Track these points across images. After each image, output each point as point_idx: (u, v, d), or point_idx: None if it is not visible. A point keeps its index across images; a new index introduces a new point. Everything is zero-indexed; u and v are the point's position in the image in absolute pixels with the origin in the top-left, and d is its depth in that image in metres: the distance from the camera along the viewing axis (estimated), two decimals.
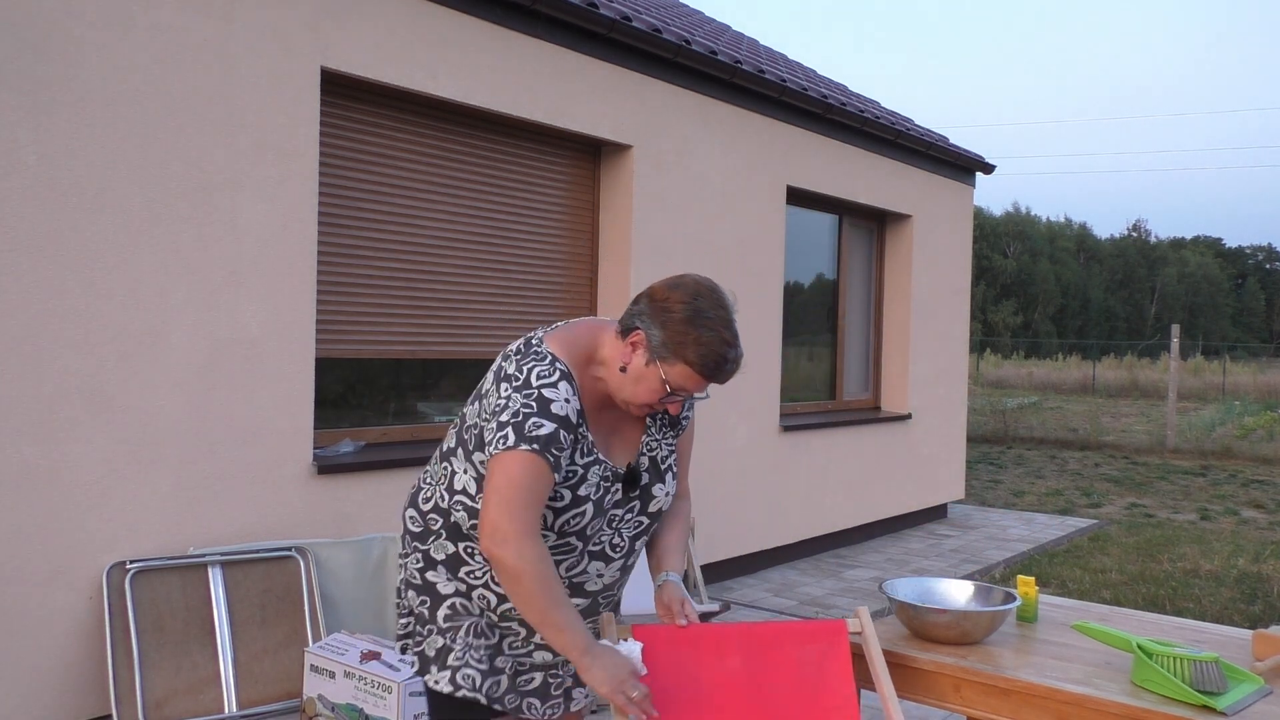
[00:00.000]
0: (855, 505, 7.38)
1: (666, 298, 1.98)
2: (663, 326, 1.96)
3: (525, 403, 1.93)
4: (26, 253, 3.23)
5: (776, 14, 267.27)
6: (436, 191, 4.75)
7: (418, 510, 2.16)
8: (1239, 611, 5.87)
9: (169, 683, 3.41)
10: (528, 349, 2.02)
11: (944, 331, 8.46)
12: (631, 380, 2.00)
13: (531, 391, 1.94)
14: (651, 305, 1.99)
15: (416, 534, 2.15)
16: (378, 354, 4.54)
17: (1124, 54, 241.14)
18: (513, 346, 2.08)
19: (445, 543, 2.10)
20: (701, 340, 1.94)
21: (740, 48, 7.16)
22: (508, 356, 2.04)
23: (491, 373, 2.06)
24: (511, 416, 1.92)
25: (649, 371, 1.98)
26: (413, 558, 2.15)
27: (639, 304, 2.02)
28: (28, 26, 3.21)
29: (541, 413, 1.92)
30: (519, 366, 1.98)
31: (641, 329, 1.99)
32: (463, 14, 4.51)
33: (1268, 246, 73.17)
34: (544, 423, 1.91)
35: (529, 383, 1.95)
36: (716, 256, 6.01)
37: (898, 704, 2.14)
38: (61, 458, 3.32)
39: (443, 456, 2.13)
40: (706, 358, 1.95)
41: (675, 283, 2.01)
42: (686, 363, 1.95)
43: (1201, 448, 14.56)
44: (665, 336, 1.95)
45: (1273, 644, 2.29)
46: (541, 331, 2.08)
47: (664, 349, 1.96)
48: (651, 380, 1.99)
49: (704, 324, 1.95)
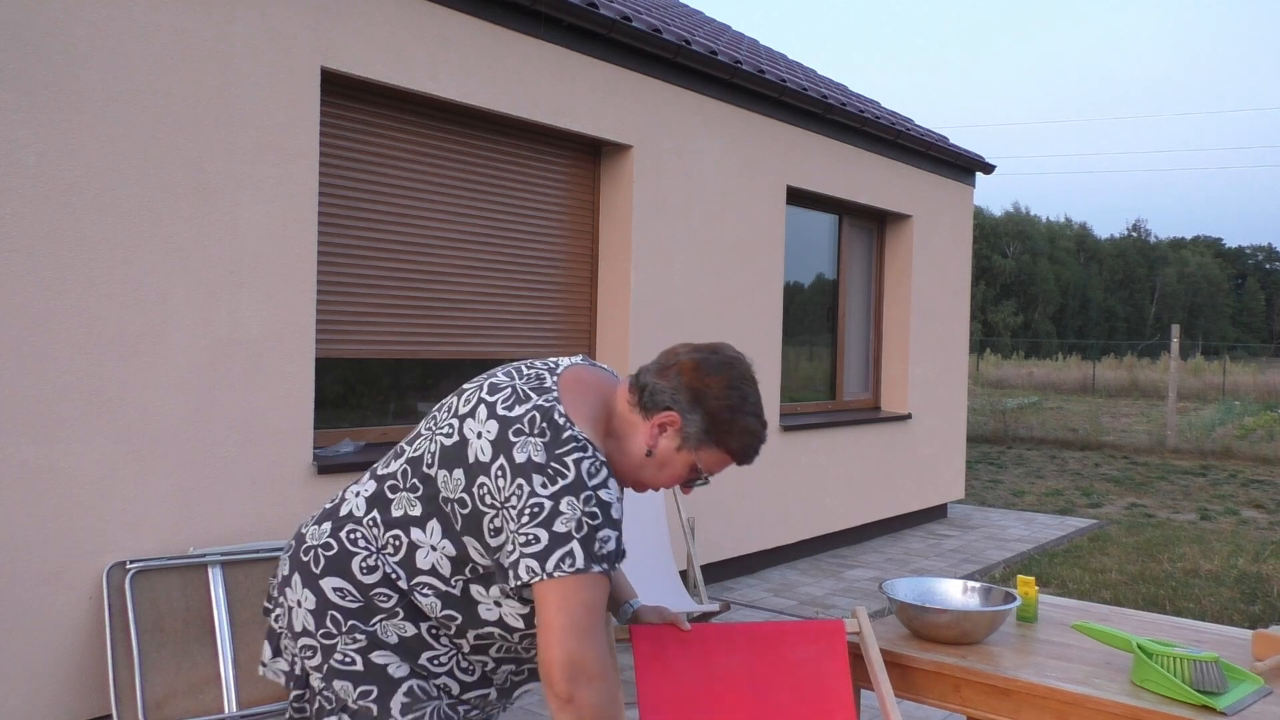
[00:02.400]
0: (855, 505, 7.37)
1: (706, 382, 1.79)
2: (705, 414, 1.79)
3: (587, 511, 1.66)
4: (26, 253, 3.23)
5: (777, 14, 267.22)
6: (436, 191, 4.75)
7: (352, 582, 1.79)
8: (1239, 611, 5.87)
9: (169, 683, 3.41)
10: (555, 430, 1.70)
11: (944, 332, 8.46)
12: (656, 465, 1.82)
13: (590, 495, 1.67)
14: (688, 388, 1.79)
15: (352, 611, 1.78)
16: (378, 354, 4.54)
17: (1124, 54, 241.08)
18: (521, 414, 1.72)
19: (403, 623, 1.78)
20: (747, 429, 1.81)
21: (740, 48, 7.16)
22: (518, 429, 1.70)
23: (485, 438, 1.71)
24: (575, 529, 1.64)
25: (679, 457, 1.82)
26: (345, 639, 1.77)
27: (668, 378, 1.81)
28: (28, 26, 3.21)
29: (606, 522, 1.68)
30: (555, 456, 1.67)
31: (676, 411, 1.79)
32: (463, 14, 4.51)
33: (1268, 246, 73.19)
34: (610, 534, 1.69)
35: (582, 482, 1.67)
36: (716, 256, 6.01)
37: (895, 704, 2.14)
38: (61, 458, 3.32)
39: (391, 522, 1.78)
40: (749, 447, 1.83)
41: (711, 362, 1.82)
42: (727, 451, 1.82)
43: (1201, 448, 14.56)
44: (707, 424, 1.79)
45: (1273, 644, 2.29)
46: (552, 394, 1.76)
47: (704, 436, 1.80)
48: (679, 467, 1.83)
49: (748, 411, 1.81)
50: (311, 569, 1.82)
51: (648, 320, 5.54)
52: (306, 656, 1.81)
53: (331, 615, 1.78)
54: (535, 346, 5.25)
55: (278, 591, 1.89)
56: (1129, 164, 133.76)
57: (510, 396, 1.76)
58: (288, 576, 1.86)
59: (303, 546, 1.86)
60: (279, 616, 1.89)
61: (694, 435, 1.80)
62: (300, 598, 1.81)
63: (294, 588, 1.83)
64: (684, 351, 1.85)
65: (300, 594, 1.82)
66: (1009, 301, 53.97)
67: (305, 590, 1.81)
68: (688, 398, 1.79)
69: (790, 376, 7.18)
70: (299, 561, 1.85)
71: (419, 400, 4.84)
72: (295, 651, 1.84)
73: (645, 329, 5.53)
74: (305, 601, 1.81)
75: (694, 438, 1.80)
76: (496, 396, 1.77)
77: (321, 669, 1.79)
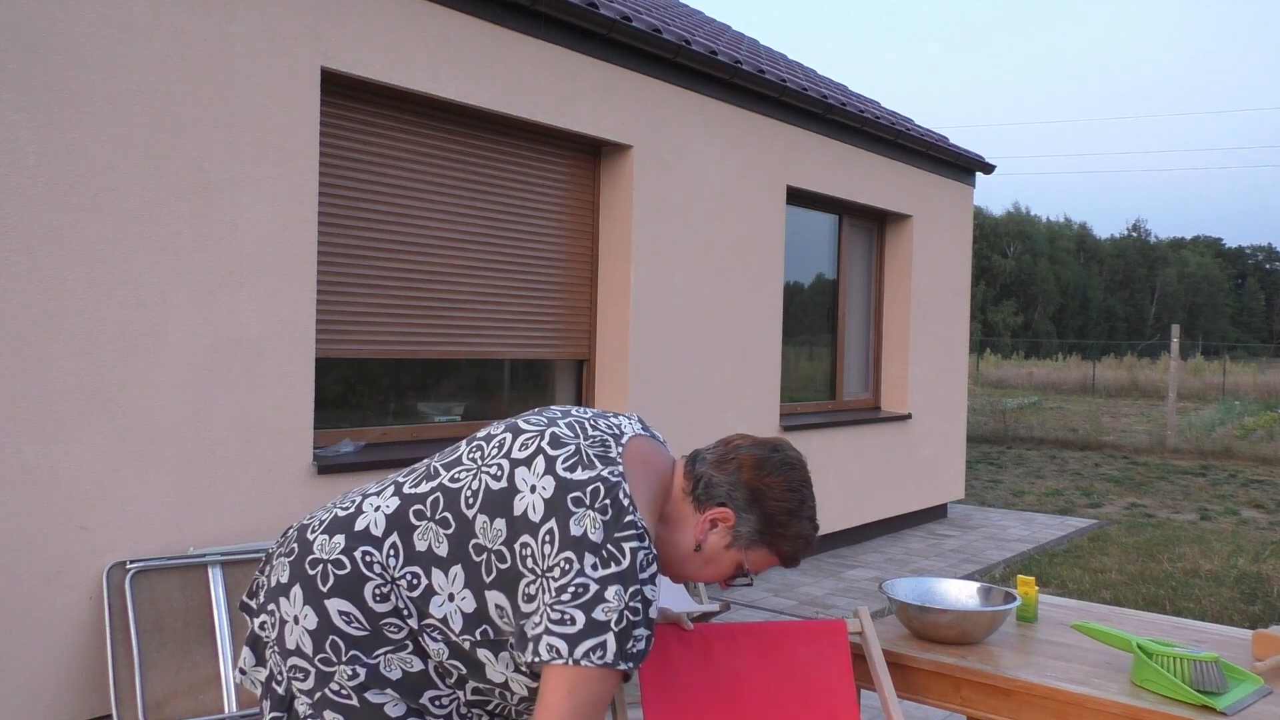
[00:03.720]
0: (855, 505, 7.38)
1: (767, 482, 1.74)
2: (762, 514, 1.74)
3: (631, 605, 1.57)
4: (26, 253, 3.23)
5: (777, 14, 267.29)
6: (436, 191, 4.75)
7: (361, 608, 1.66)
8: (1239, 611, 5.87)
9: (169, 683, 3.41)
10: (618, 511, 1.61)
11: (944, 332, 8.46)
12: (702, 560, 1.77)
13: (637, 590, 1.58)
14: (747, 486, 1.74)
15: (357, 640, 1.66)
16: (378, 354, 4.54)
17: (1124, 54, 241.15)
18: (584, 481, 1.63)
19: (410, 657, 1.67)
20: (801, 534, 1.77)
21: (740, 48, 7.16)
22: (579, 499, 1.61)
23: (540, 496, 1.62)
24: (615, 621, 1.55)
25: (727, 555, 1.76)
26: (345, 670, 1.65)
27: (726, 472, 1.75)
28: (28, 26, 3.21)
29: (644, 620, 1.59)
30: (613, 539, 1.59)
31: (731, 509, 1.74)
32: (463, 14, 4.51)
33: (1268, 246, 73.20)
34: (644, 633, 1.60)
35: (634, 574, 1.58)
36: (716, 256, 6.01)
37: (898, 704, 2.14)
38: (61, 458, 3.32)
39: (413, 556, 1.67)
40: (801, 550, 1.79)
41: (773, 461, 1.77)
42: (777, 553, 1.77)
43: (1201, 448, 14.56)
44: (762, 525, 1.74)
45: (1273, 644, 2.29)
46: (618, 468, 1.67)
47: (757, 536, 1.75)
48: (725, 565, 1.77)
49: (805, 515, 1.77)
50: (317, 585, 1.67)
51: (648, 320, 5.54)
52: (296, 678, 1.68)
53: (332, 640, 1.65)
54: (535, 347, 5.26)
55: (268, 598, 1.74)
56: (1129, 164, 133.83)
57: (573, 457, 1.66)
58: (285, 586, 1.71)
59: (309, 557, 1.71)
60: (266, 624, 1.75)
61: (746, 535, 1.74)
62: (299, 614, 1.67)
63: (292, 601, 1.69)
64: (745, 445, 1.79)
65: (299, 609, 1.68)
66: (1009, 301, 53.98)
67: (307, 607, 1.67)
68: (745, 496, 1.74)
69: (790, 376, 7.18)
70: (303, 573, 1.70)
71: (419, 400, 4.85)
72: (284, 670, 1.70)
73: (645, 329, 5.53)
74: (305, 620, 1.67)
75: (745, 537, 1.74)
76: (558, 452, 1.67)
77: (313, 695, 1.66)
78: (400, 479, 1.79)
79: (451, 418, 4.97)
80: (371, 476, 4.21)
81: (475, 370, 5.08)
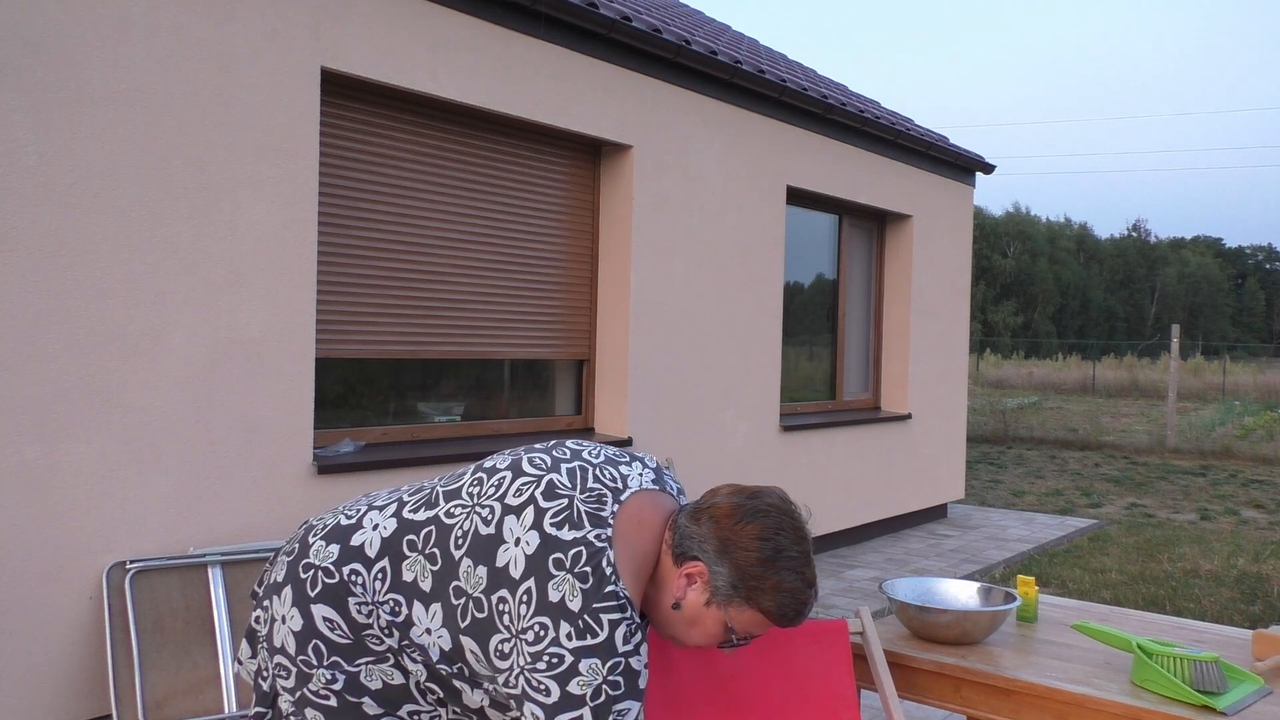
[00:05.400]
0: (855, 505, 7.38)
1: (738, 531, 1.62)
2: (733, 566, 1.61)
3: (610, 680, 1.51)
4: (26, 253, 3.23)
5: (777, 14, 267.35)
6: (436, 191, 4.75)
7: (345, 618, 1.66)
8: (1239, 611, 5.87)
9: (169, 683, 3.41)
10: (599, 580, 1.55)
11: (944, 332, 8.47)
12: (685, 621, 1.66)
13: (618, 663, 1.51)
14: (718, 536, 1.62)
15: (339, 646, 1.65)
16: (378, 354, 4.54)
17: (1125, 54, 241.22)
18: (568, 542, 1.57)
19: (391, 670, 1.66)
20: (782, 587, 1.61)
21: (740, 48, 7.16)
22: (559, 561, 1.55)
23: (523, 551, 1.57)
24: (590, 696, 1.50)
25: (709, 614, 1.64)
26: (324, 674, 1.65)
27: (700, 524, 1.65)
28: (28, 26, 3.21)
29: (629, 693, 1.53)
30: (591, 610, 1.52)
31: (703, 562, 1.63)
32: (463, 14, 4.51)
33: (1268, 246, 73.19)
34: (631, 705, 1.53)
35: (612, 647, 1.51)
36: (716, 256, 6.01)
37: (898, 704, 2.14)
38: (61, 457, 3.32)
39: (398, 585, 1.65)
40: (785, 607, 1.63)
41: (748, 509, 1.64)
42: (760, 610, 1.63)
43: (1201, 448, 14.56)
44: (735, 578, 1.61)
45: (1273, 644, 2.29)
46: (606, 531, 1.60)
47: (732, 592, 1.62)
48: (710, 625, 1.66)
49: (784, 566, 1.61)
50: (306, 589, 1.68)
51: (648, 320, 5.54)
52: (280, 675, 1.69)
53: (315, 645, 1.65)
54: (535, 346, 5.25)
55: (266, 594, 1.77)
56: (1129, 164, 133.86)
57: (563, 513, 1.60)
58: (279, 585, 1.73)
59: (304, 560, 1.72)
60: (260, 619, 1.77)
61: (722, 590, 1.62)
62: (287, 614, 1.68)
63: (283, 600, 1.70)
64: (723, 494, 1.68)
65: (288, 610, 1.69)
66: (1009, 301, 53.98)
67: (294, 609, 1.68)
68: (715, 547, 1.62)
69: (790, 376, 7.18)
70: (295, 576, 1.71)
71: (419, 400, 4.85)
72: (270, 667, 1.71)
73: (645, 329, 5.53)
74: (290, 620, 1.68)
75: (722, 592, 1.62)
76: (550, 505, 1.61)
77: (294, 693, 1.67)
78: (405, 498, 1.77)
79: (451, 418, 4.97)
80: (371, 476, 4.21)
81: (475, 370, 5.08)
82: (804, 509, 1.70)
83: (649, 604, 1.69)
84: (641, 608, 1.69)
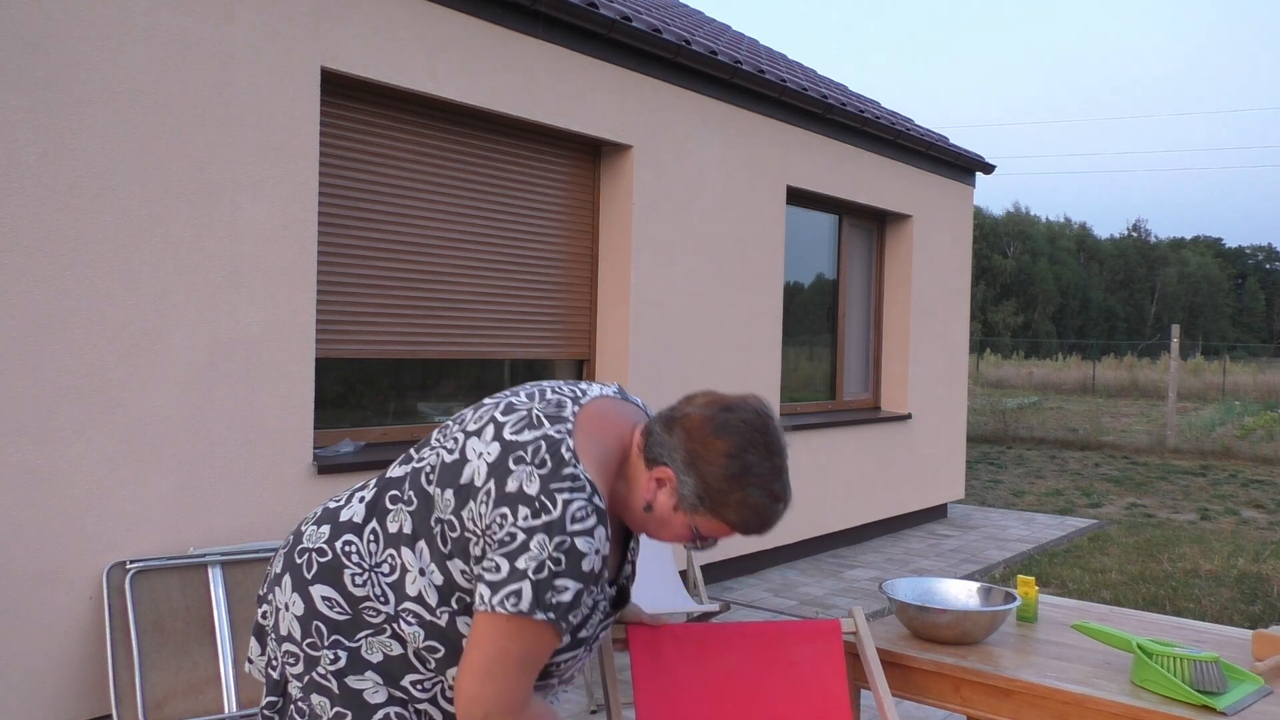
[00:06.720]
0: (855, 505, 7.38)
1: (707, 444, 1.62)
2: (699, 479, 1.62)
3: (553, 555, 1.53)
4: (26, 253, 3.23)
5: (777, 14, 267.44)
6: (436, 191, 4.75)
7: (342, 593, 1.69)
8: (1239, 611, 5.87)
9: (169, 683, 3.41)
10: (557, 465, 1.58)
11: (944, 331, 8.47)
12: (656, 522, 1.69)
13: (564, 540, 1.53)
14: (687, 447, 1.63)
15: (338, 624, 1.68)
16: (378, 354, 4.54)
17: (1125, 54, 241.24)
18: (527, 440, 1.61)
19: (389, 641, 1.67)
20: (746, 502, 1.62)
21: (740, 48, 7.16)
22: (520, 456, 1.59)
23: (484, 460, 1.61)
24: (534, 569, 1.52)
25: (677, 518, 1.67)
26: (328, 654, 1.68)
27: (672, 432, 1.65)
28: (28, 26, 3.21)
29: (569, 571, 1.54)
30: (547, 492, 1.55)
31: (672, 470, 1.64)
32: (463, 14, 4.51)
33: (1268, 246, 73.21)
34: (569, 585, 1.54)
35: (562, 525, 1.54)
36: (716, 256, 6.01)
37: (892, 704, 2.15)
38: (61, 458, 3.32)
39: (389, 538, 1.69)
40: (750, 520, 1.64)
41: (718, 422, 1.63)
42: (724, 522, 1.65)
43: (1201, 448, 14.56)
44: (701, 490, 1.62)
45: (1273, 644, 2.29)
46: (566, 425, 1.64)
47: (698, 502, 1.63)
48: (678, 527, 1.68)
49: (750, 482, 1.61)
50: (303, 573, 1.73)
51: (648, 320, 5.54)
52: (289, 663, 1.72)
53: (316, 625, 1.69)
54: (535, 346, 5.25)
55: (268, 588, 1.81)
56: (1129, 164, 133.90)
57: (522, 420, 1.64)
58: (279, 575, 1.78)
59: (298, 547, 1.77)
60: (266, 614, 1.81)
61: (688, 498, 1.64)
62: (288, 601, 1.73)
63: (283, 589, 1.75)
64: (699, 403, 1.68)
65: (289, 597, 1.74)
66: (1009, 301, 53.99)
67: (294, 594, 1.73)
68: (684, 458, 1.63)
69: (790, 376, 7.18)
70: (292, 562, 1.76)
71: (419, 400, 4.85)
72: (279, 655, 1.75)
73: (645, 329, 5.53)
74: (293, 606, 1.72)
75: (688, 500, 1.64)
76: (509, 418, 1.65)
77: (303, 678, 1.70)
78: (387, 470, 1.83)
79: (442, 418, 4.97)
80: (372, 476, 4.20)
81: (475, 370, 5.08)
82: (781, 428, 1.69)
83: (621, 502, 1.71)
84: (613, 504, 1.71)
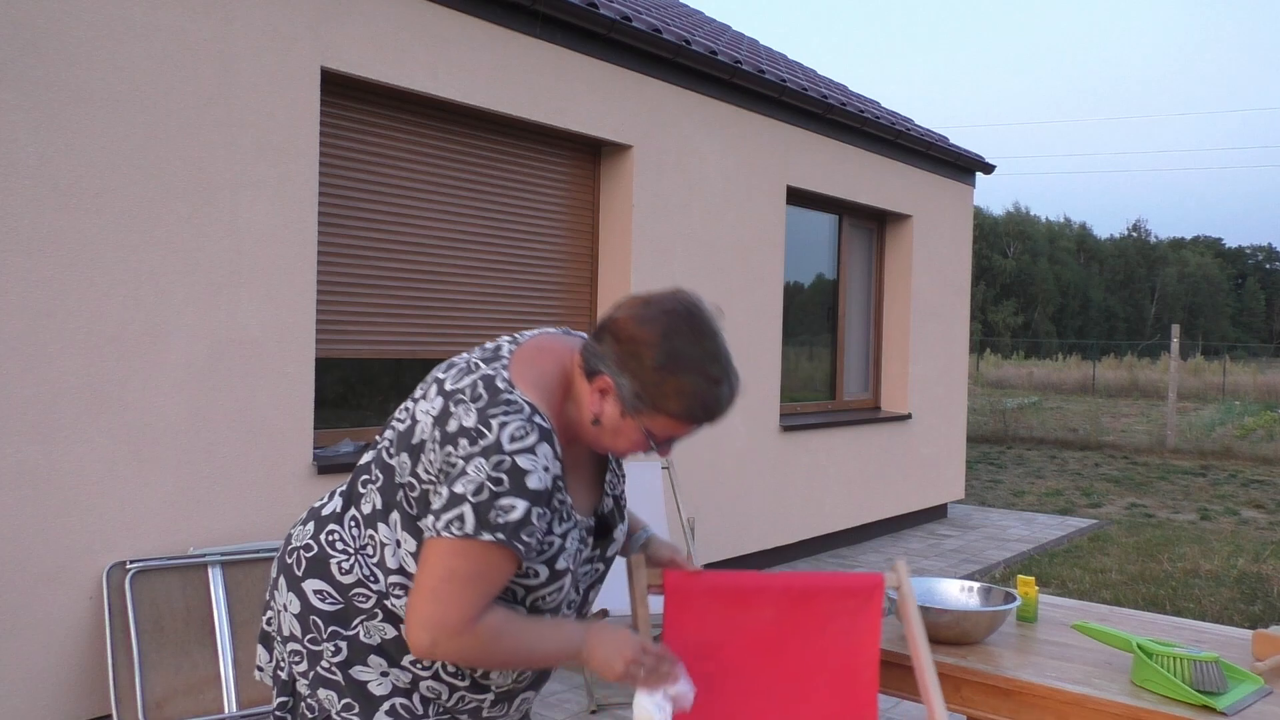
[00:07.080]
0: (855, 505, 7.37)
1: (633, 336, 1.59)
2: (632, 377, 1.59)
3: (492, 475, 1.52)
4: (26, 253, 3.23)
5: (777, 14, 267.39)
6: (436, 191, 4.75)
7: (331, 584, 1.72)
8: (1239, 611, 5.87)
9: (169, 683, 3.41)
10: (493, 394, 1.58)
11: (944, 331, 8.46)
12: (610, 434, 1.66)
13: (502, 460, 1.52)
14: (617, 346, 1.61)
15: (332, 614, 1.71)
16: (378, 354, 4.54)
17: (1125, 54, 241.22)
18: (465, 384, 1.61)
19: (383, 625, 1.69)
20: (683, 390, 1.58)
21: (740, 48, 7.16)
22: (459, 399, 1.59)
23: (429, 415, 1.62)
24: (474, 492, 1.52)
25: (626, 424, 1.64)
26: (329, 647, 1.71)
27: (602, 340, 1.63)
28: (28, 26, 3.21)
29: (514, 489, 1.52)
30: (483, 419, 1.55)
31: (608, 375, 1.61)
32: (463, 14, 4.51)
33: (1268, 246, 73.21)
34: (516, 503, 1.52)
35: (498, 445, 1.53)
36: (716, 256, 6.01)
37: (932, 664, 2.03)
38: (61, 458, 3.32)
39: (366, 519, 1.70)
40: (693, 408, 1.60)
41: (643, 314, 1.61)
42: (668, 415, 1.61)
43: (1201, 448, 14.56)
44: (637, 388, 1.59)
45: (1273, 644, 2.29)
46: (502, 362, 1.65)
47: (638, 401, 1.60)
48: (631, 433, 1.65)
49: (682, 367, 1.58)
50: (294, 571, 1.77)
51: None
52: (295, 662, 1.75)
53: (313, 619, 1.72)
54: None
55: (269, 594, 1.86)
56: (1129, 164, 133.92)
57: (460, 370, 1.66)
58: (275, 578, 1.82)
59: (288, 548, 1.81)
60: (271, 619, 1.84)
61: (629, 400, 1.60)
62: (286, 601, 1.77)
63: (281, 591, 1.79)
64: (624, 307, 1.64)
65: (286, 597, 1.77)
66: (1009, 301, 53.99)
67: (290, 594, 1.76)
68: (615, 360, 1.60)
69: (790, 376, 7.18)
70: (284, 564, 1.80)
71: None
72: (284, 656, 1.79)
73: None
74: (290, 605, 1.76)
75: (629, 402, 1.60)
76: (449, 373, 1.67)
77: (308, 675, 1.73)
78: None
79: None
80: None
81: None
82: (713, 308, 1.65)
83: (574, 424, 1.69)
84: (568, 428, 1.69)
